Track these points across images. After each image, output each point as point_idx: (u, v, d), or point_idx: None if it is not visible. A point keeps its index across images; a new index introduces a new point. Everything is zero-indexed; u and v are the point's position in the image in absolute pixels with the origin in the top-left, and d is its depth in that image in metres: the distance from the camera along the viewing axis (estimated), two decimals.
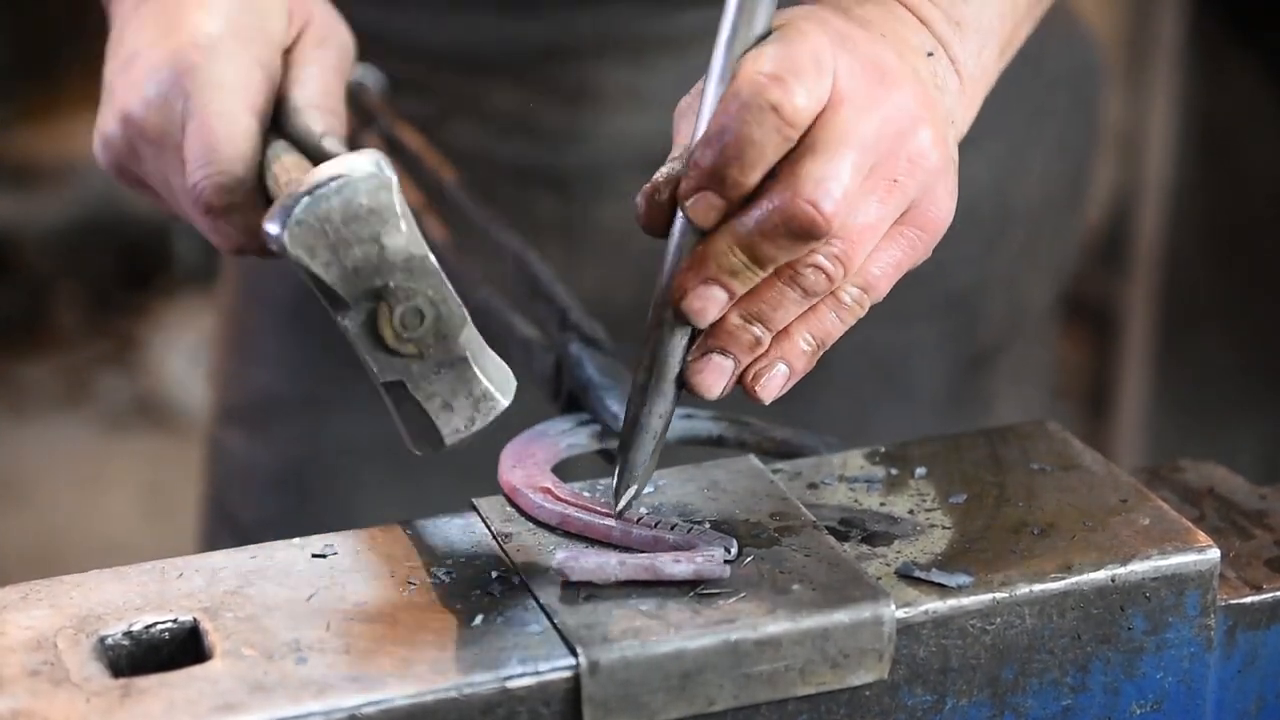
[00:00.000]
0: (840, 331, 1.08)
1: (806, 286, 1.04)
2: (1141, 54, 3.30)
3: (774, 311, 1.05)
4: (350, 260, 1.01)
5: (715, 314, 1.04)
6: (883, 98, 1.03)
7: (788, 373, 1.07)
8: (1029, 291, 1.76)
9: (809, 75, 1.00)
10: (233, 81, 1.20)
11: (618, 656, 0.98)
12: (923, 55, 1.09)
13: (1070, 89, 1.74)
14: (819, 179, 1.00)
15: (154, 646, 1.02)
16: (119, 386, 3.98)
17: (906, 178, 1.05)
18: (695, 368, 1.05)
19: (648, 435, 1.07)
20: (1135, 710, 1.09)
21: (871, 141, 1.02)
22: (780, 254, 1.02)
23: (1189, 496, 1.20)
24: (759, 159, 1.00)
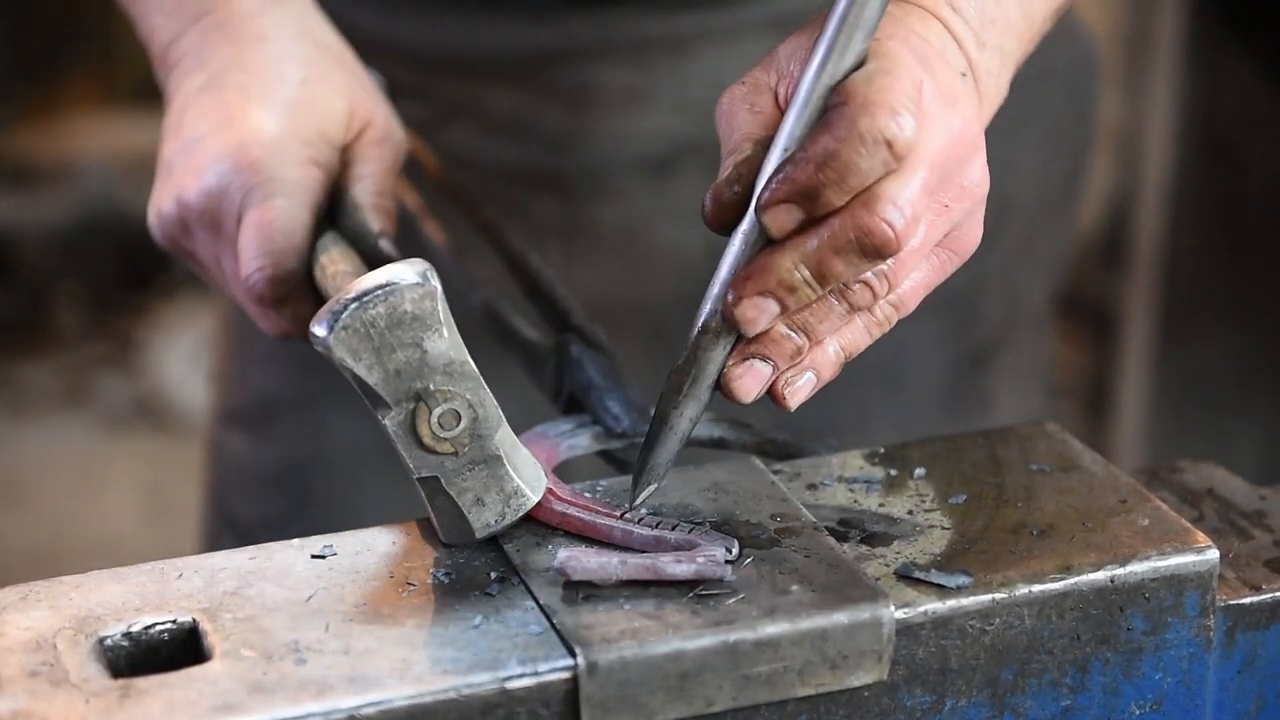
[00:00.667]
0: (868, 343, 1.09)
1: (854, 301, 1.06)
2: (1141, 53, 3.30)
3: (819, 323, 1.06)
4: (393, 363, 1.05)
5: (765, 325, 1.05)
6: (953, 123, 1.05)
7: (815, 381, 1.08)
8: (1026, 288, 1.76)
9: (915, 108, 1.02)
10: (292, 179, 1.24)
11: (616, 657, 0.98)
12: (959, 76, 1.10)
13: (1065, 85, 1.74)
14: (894, 199, 1.02)
15: (153, 647, 1.02)
16: (119, 387, 3.98)
17: (955, 204, 1.07)
18: (735, 372, 1.06)
19: (675, 436, 1.08)
20: (1134, 711, 1.09)
21: (940, 164, 1.04)
22: (847, 272, 1.04)
23: (1188, 497, 1.20)
24: (859, 185, 1.01)
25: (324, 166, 1.26)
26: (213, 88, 1.26)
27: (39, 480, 3.70)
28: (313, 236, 1.24)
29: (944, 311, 1.69)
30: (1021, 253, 1.74)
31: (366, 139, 1.29)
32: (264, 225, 1.22)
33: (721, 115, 1.08)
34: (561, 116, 1.57)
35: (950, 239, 1.09)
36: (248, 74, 1.26)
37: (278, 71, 1.26)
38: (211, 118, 1.25)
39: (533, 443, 1.15)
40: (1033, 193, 1.74)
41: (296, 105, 1.26)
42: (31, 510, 3.62)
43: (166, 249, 1.31)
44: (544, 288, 1.31)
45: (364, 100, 1.30)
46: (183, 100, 1.28)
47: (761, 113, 1.07)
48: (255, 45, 1.27)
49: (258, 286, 1.23)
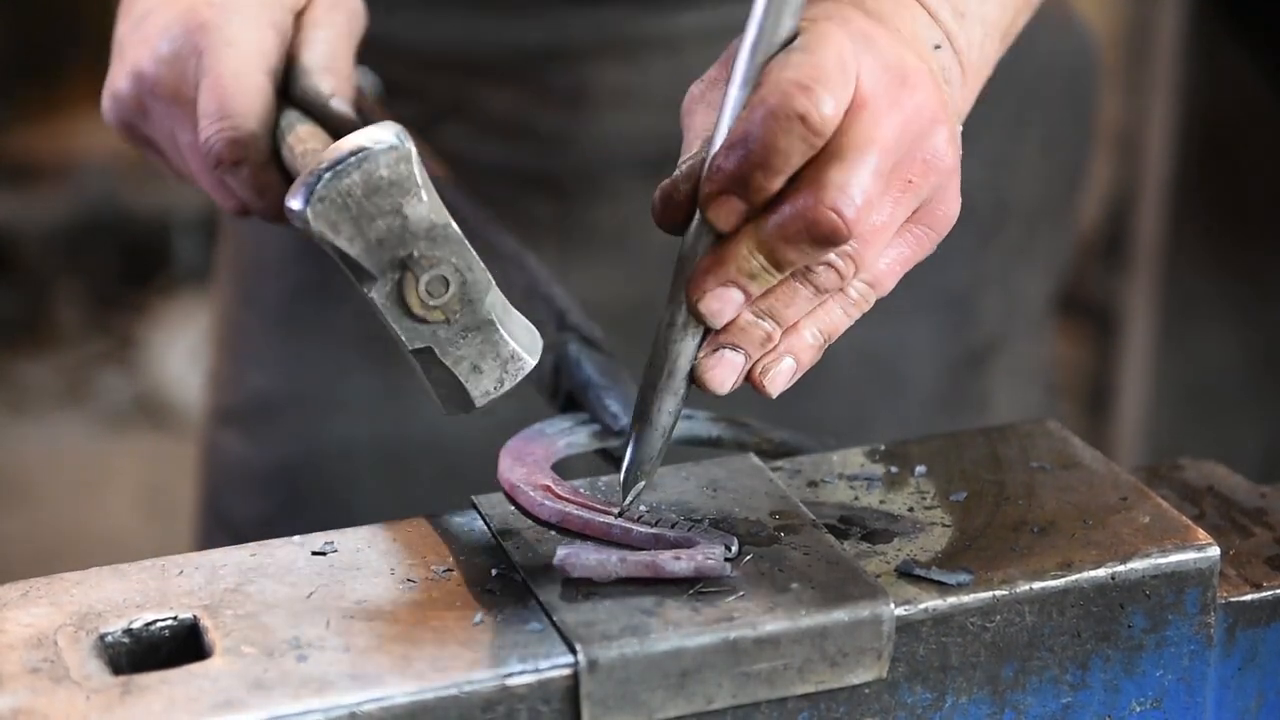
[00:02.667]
0: (847, 325, 1.08)
1: (819, 284, 1.05)
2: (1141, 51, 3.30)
3: (786, 308, 1.05)
4: (374, 232, 1.02)
5: (731, 315, 1.04)
6: (904, 100, 1.03)
7: (794, 366, 1.07)
8: (1025, 288, 1.75)
9: (835, 83, 1.00)
10: (246, 40, 1.20)
11: (616, 654, 0.98)
12: (931, 48, 1.09)
13: (1064, 83, 1.74)
14: (842, 185, 1.00)
15: (154, 644, 1.02)
16: (119, 385, 3.98)
17: (920, 178, 1.05)
18: (707, 364, 1.06)
19: (657, 432, 1.07)
20: (1135, 708, 1.09)
21: (893, 144, 1.03)
22: (801, 258, 1.03)
23: (1189, 494, 1.20)
24: (784, 166, 1.00)
25: (278, 28, 1.23)
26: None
27: (39, 478, 3.70)
28: (273, 101, 1.20)
29: (941, 312, 1.69)
30: (1020, 253, 1.74)
31: (319, 4, 1.25)
32: (219, 86, 1.19)
33: (684, 113, 1.07)
34: (557, 116, 1.57)
35: (921, 214, 1.07)
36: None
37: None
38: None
39: (530, 440, 1.15)
40: (1032, 193, 1.73)
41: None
42: (32, 508, 3.62)
43: (122, 136, 1.27)
44: (541, 287, 1.31)
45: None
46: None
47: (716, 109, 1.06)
48: None
49: (215, 148, 1.19)
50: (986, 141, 1.66)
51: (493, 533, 1.09)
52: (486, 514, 1.10)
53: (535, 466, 1.12)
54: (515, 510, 1.10)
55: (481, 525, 1.10)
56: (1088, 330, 3.57)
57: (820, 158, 1.01)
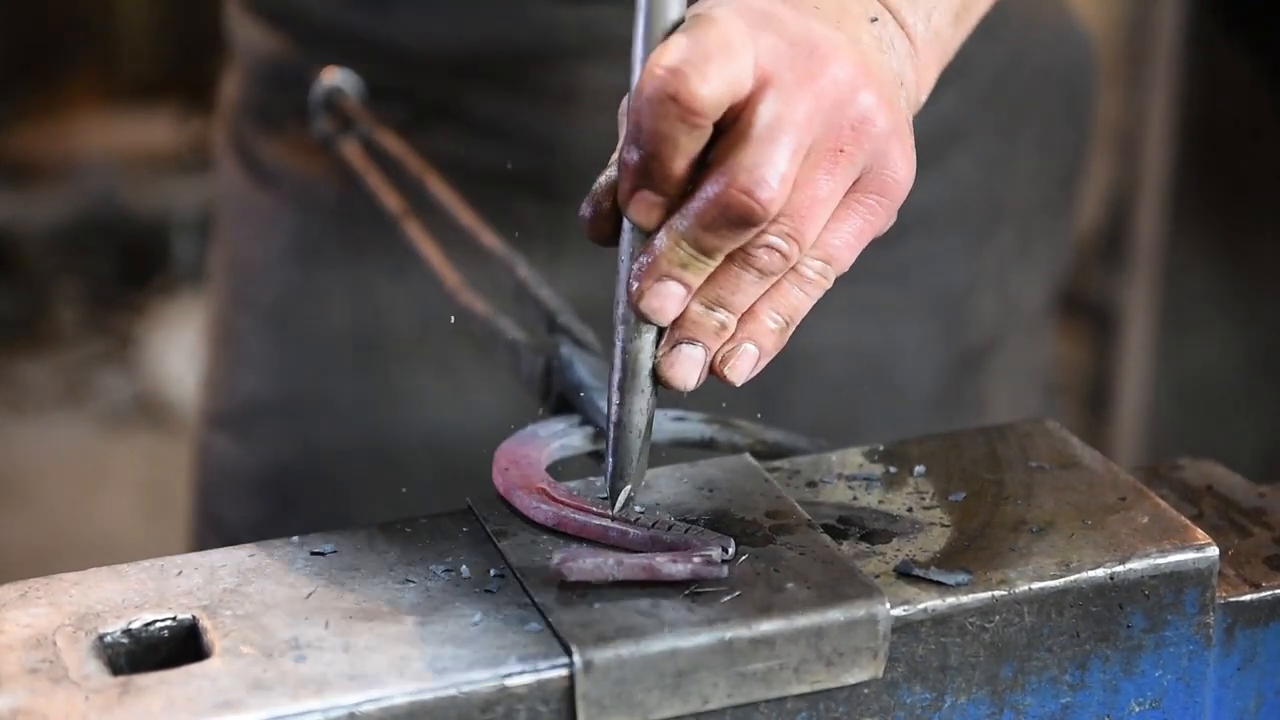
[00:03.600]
0: (808, 304, 1.07)
1: (761, 267, 1.03)
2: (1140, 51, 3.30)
3: (733, 295, 1.04)
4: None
5: (675, 309, 1.03)
6: (815, 72, 1.01)
7: (757, 352, 1.06)
8: (1021, 290, 1.75)
9: (713, 62, 0.98)
10: None
11: (612, 655, 0.98)
12: (865, 21, 1.07)
13: (1061, 84, 1.74)
14: (751, 166, 0.99)
15: (153, 644, 1.02)
16: (118, 385, 3.98)
17: (852, 146, 1.03)
18: (667, 362, 1.05)
19: (632, 434, 1.07)
20: (1134, 708, 1.09)
21: (804, 119, 1.01)
22: (725, 243, 1.01)
23: (1188, 494, 1.20)
24: (675, 152, 0.99)
25: None
26: None
27: (39, 478, 3.70)
28: None
29: (937, 313, 1.69)
30: (1016, 255, 1.73)
31: None
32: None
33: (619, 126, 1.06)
34: (547, 116, 1.56)
35: (866, 182, 1.06)
36: None
37: None
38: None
39: (524, 443, 1.15)
40: (1028, 194, 1.73)
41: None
42: (31, 508, 3.62)
43: None
44: (530, 289, 1.31)
45: None
46: None
47: None
48: None
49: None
50: (982, 142, 1.66)
51: (489, 534, 1.09)
52: (483, 515, 1.10)
53: (531, 469, 1.12)
54: (512, 511, 1.10)
55: (478, 527, 1.10)
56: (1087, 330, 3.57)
57: (728, 141, 1.00)
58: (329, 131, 1.55)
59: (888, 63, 1.08)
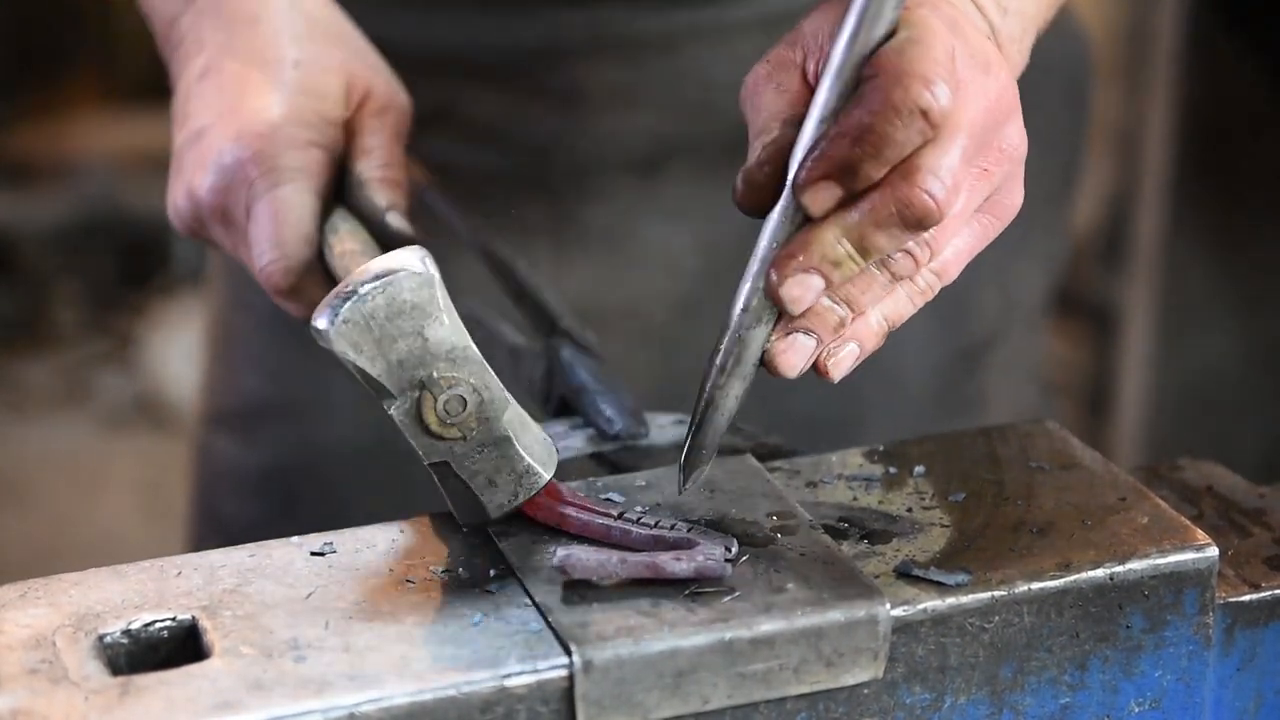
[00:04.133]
0: (911, 312, 1.09)
1: (895, 271, 1.05)
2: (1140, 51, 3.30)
3: (862, 294, 1.05)
4: (395, 354, 1.05)
5: (811, 301, 1.04)
6: (989, 87, 1.04)
7: (858, 352, 1.08)
8: (1020, 284, 1.75)
9: (949, 76, 1.00)
10: (295, 165, 1.24)
11: (612, 655, 0.98)
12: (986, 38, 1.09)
13: (1059, 80, 1.73)
14: (934, 168, 1.01)
15: (152, 645, 1.02)
16: (118, 386, 3.98)
17: (995, 166, 1.06)
18: (780, 347, 1.05)
19: (723, 416, 1.07)
20: (1134, 708, 1.09)
21: (978, 130, 1.03)
22: (890, 244, 1.03)
23: (1187, 495, 1.20)
24: (896, 157, 1.01)
25: (326, 147, 1.26)
26: (211, 74, 1.26)
27: (38, 478, 3.70)
28: (320, 220, 1.24)
29: (937, 309, 1.68)
30: (1016, 250, 1.73)
31: (367, 110, 1.28)
32: (271, 217, 1.22)
33: (747, 96, 1.07)
34: (551, 116, 1.56)
35: (990, 203, 1.08)
36: (242, 59, 1.26)
37: (272, 55, 1.26)
38: (212, 107, 1.25)
39: None
40: (1027, 191, 1.73)
41: (293, 88, 1.25)
42: (31, 509, 3.62)
43: (192, 239, 1.31)
44: (531, 292, 1.31)
45: (361, 71, 1.29)
46: (185, 87, 1.28)
47: (788, 91, 1.06)
48: (247, 28, 1.27)
49: (272, 279, 1.23)
50: None
51: (489, 534, 1.09)
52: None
53: None
54: (512, 512, 1.10)
55: (478, 526, 1.10)
56: (1087, 330, 3.57)
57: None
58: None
59: None
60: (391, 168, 1.27)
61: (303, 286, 1.24)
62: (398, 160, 1.29)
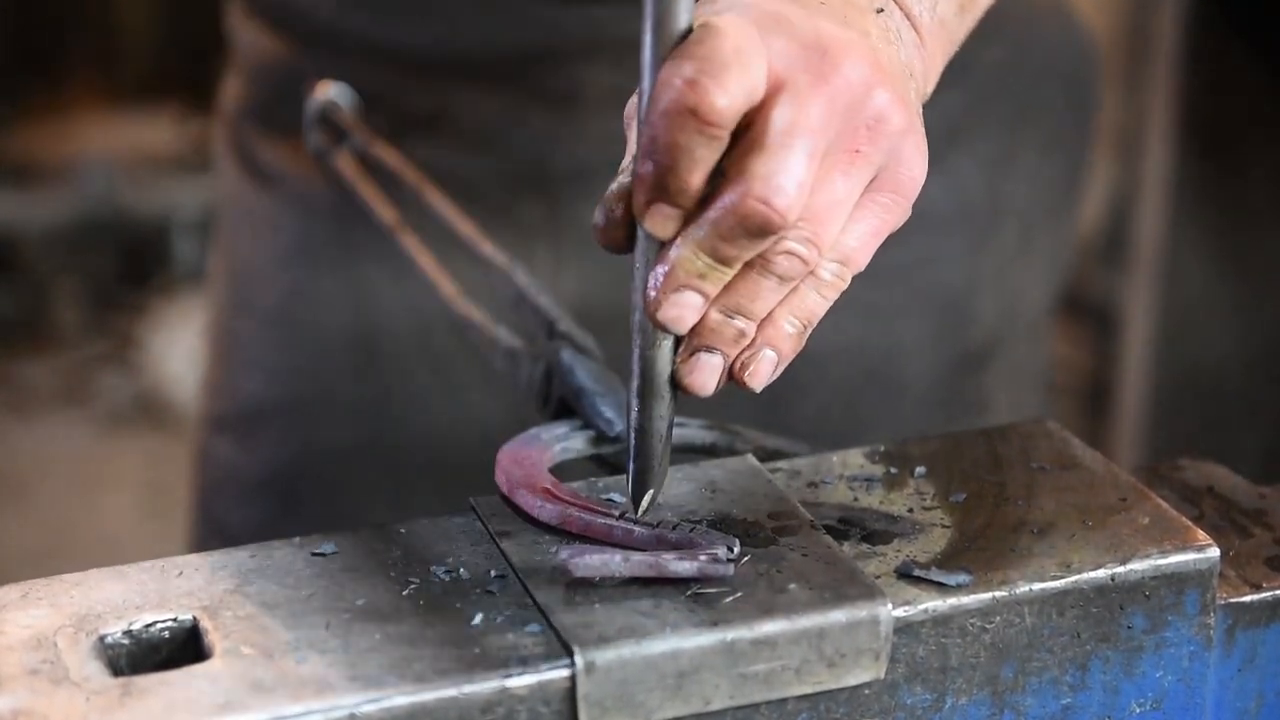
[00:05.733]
0: (825, 308, 1.06)
1: (780, 273, 1.02)
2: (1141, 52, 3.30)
3: (753, 303, 1.03)
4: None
5: (693, 319, 1.02)
6: (828, 74, 1.00)
7: (775, 358, 1.05)
8: (1022, 291, 1.75)
9: (730, 72, 0.97)
10: None
11: (613, 656, 0.98)
12: (871, 13, 1.06)
13: (1063, 85, 1.73)
14: (767, 175, 0.98)
15: (154, 645, 1.02)
16: (119, 386, 3.98)
17: (868, 145, 1.02)
18: (685, 369, 1.04)
19: (653, 439, 1.07)
20: (1135, 709, 1.09)
21: (820, 123, 1.00)
22: (743, 252, 1.00)
23: (1188, 495, 1.20)
24: (693, 165, 0.98)
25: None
26: None
27: (39, 478, 3.70)
28: None
29: (938, 314, 1.68)
30: (1017, 255, 1.73)
31: None
32: None
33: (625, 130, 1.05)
34: (548, 118, 1.56)
35: (882, 181, 1.05)
36: None
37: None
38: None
39: (526, 445, 1.15)
40: (1030, 194, 1.73)
41: None
42: (31, 509, 3.63)
43: None
44: (530, 297, 1.31)
45: None
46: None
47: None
48: None
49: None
50: (983, 143, 1.66)
51: (490, 535, 1.09)
52: (484, 516, 1.10)
53: (533, 469, 1.12)
54: (514, 512, 1.10)
55: (480, 527, 1.10)
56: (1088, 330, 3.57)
57: (743, 148, 0.99)
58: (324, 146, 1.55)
59: (896, 55, 1.07)
60: None
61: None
62: None
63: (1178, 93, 3.14)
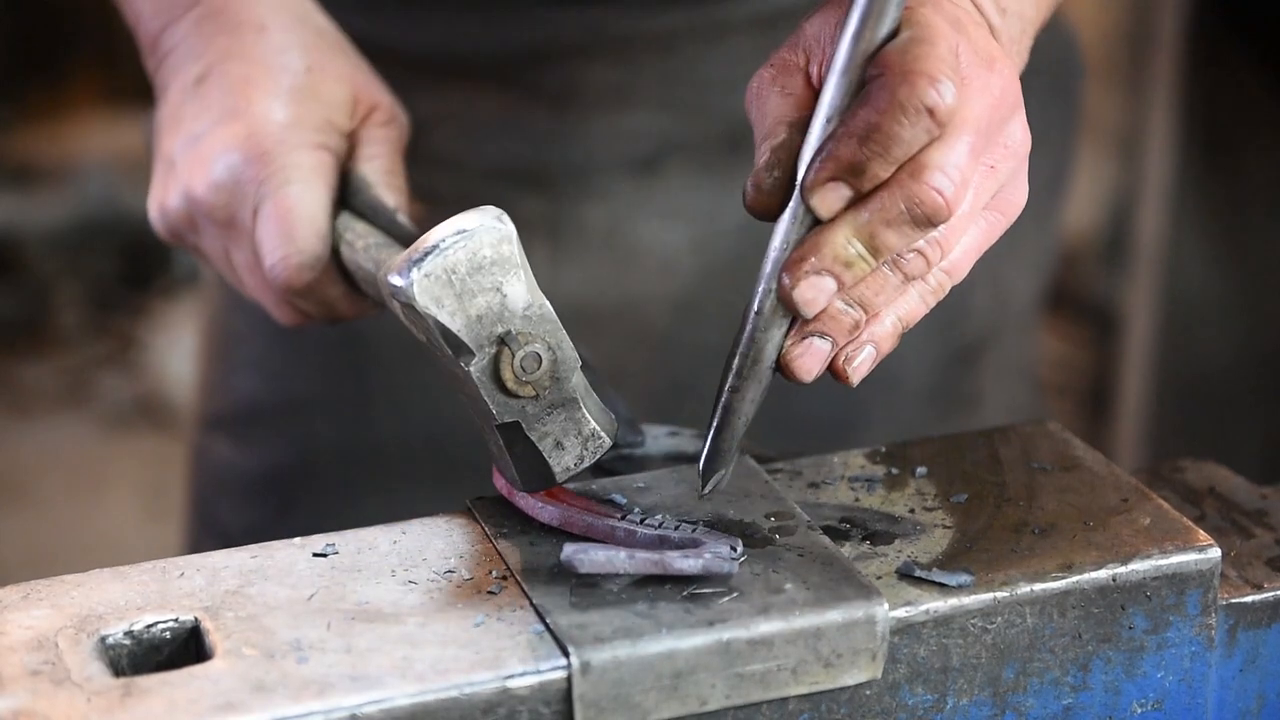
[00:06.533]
0: (924, 312, 1.09)
1: (908, 271, 1.05)
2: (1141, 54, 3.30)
3: (876, 296, 1.05)
4: (474, 309, 1.05)
5: (824, 303, 1.04)
6: (993, 85, 1.04)
7: (875, 354, 1.08)
8: (1012, 287, 1.75)
9: (954, 74, 1.01)
10: (306, 164, 1.23)
11: (609, 656, 0.98)
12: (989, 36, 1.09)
13: (1050, 82, 1.73)
14: (941, 165, 1.01)
15: (155, 646, 1.02)
16: (119, 387, 3.98)
17: (1001, 164, 1.06)
18: (795, 352, 1.05)
19: (740, 420, 1.07)
20: (1136, 709, 1.09)
21: (985, 127, 1.03)
22: (900, 242, 1.03)
23: (1189, 496, 1.20)
24: (904, 155, 1.01)
25: (334, 152, 1.26)
26: (213, 79, 1.25)
27: (40, 479, 3.70)
28: (332, 219, 1.24)
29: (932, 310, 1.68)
30: (1008, 250, 1.73)
31: (373, 121, 1.29)
32: (284, 214, 1.22)
33: (751, 100, 1.07)
34: (547, 116, 1.56)
35: (997, 200, 1.08)
36: (249, 64, 1.25)
37: (280, 61, 1.26)
38: (215, 110, 1.25)
39: None
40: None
41: (302, 93, 1.25)
42: (32, 510, 3.62)
43: (170, 243, 1.30)
44: None
45: (367, 85, 1.30)
46: (179, 93, 1.27)
47: (793, 94, 1.06)
48: (254, 34, 1.27)
49: (282, 276, 1.22)
50: None
51: (489, 535, 1.09)
52: (482, 517, 1.10)
53: None
54: (512, 513, 1.10)
55: (478, 528, 1.10)
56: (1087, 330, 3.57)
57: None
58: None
59: None
60: (396, 175, 1.28)
61: (315, 284, 1.23)
62: (401, 171, 1.29)
63: (1178, 93, 3.14)
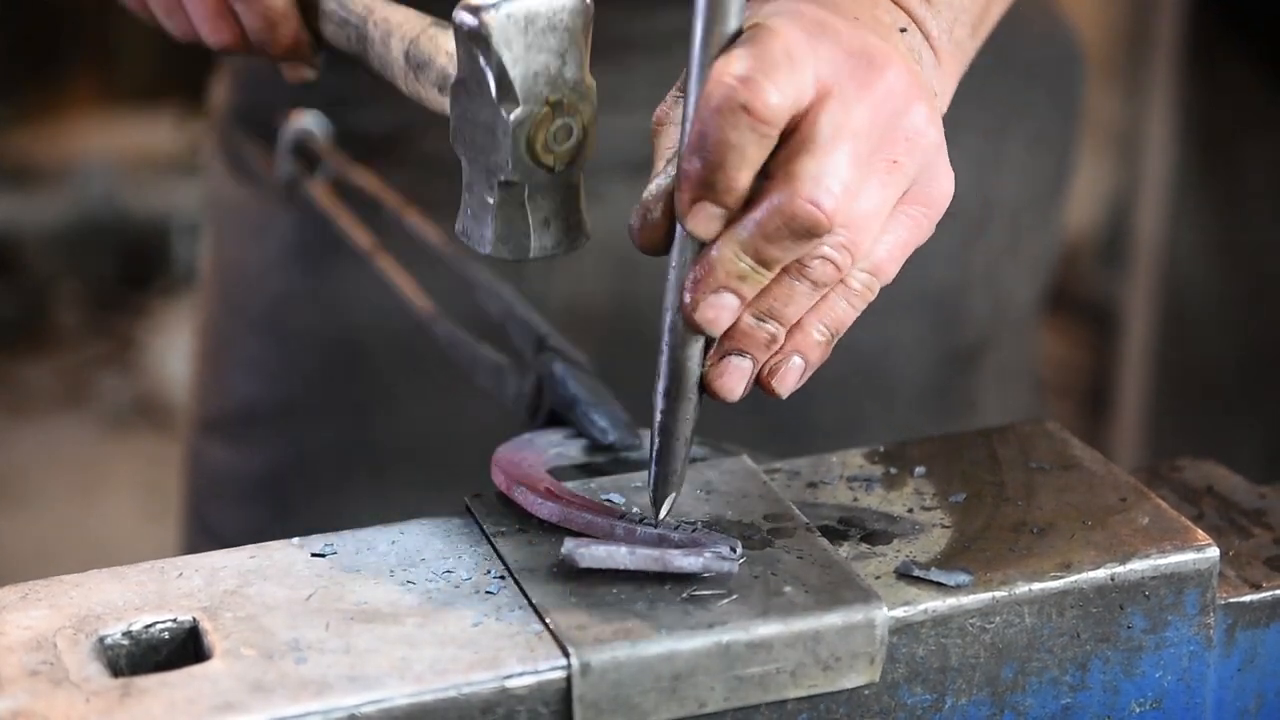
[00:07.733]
0: (852, 317, 1.07)
1: (815, 279, 1.03)
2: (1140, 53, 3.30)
3: (786, 307, 1.04)
4: (535, 64, 1.06)
5: (729, 321, 1.03)
6: (872, 81, 1.02)
7: (803, 365, 1.06)
8: (1011, 287, 1.75)
9: (780, 72, 0.98)
10: None
11: (609, 657, 0.98)
12: (895, 32, 1.08)
13: (1049, 81, 1.73)
14: (815, 176, 0.99)
15: (153, 646, 1.02)
16: (119, 387, 3.98)
17: (906, 157, 1.03)
18: (715, 372, 1.05)
19: (678, 441, 1.07)
20: (1135, 709, 1.09)
21: (865, 128, 1.01)
22: (786, 254, 1.01)
23: (1188, 495, 1.20)
24: (742, 162, 0.99)
25: None
26: None
27: (39, 479, 3.70)
28: None
29: (928, 312, 1.68)
30: (1007, 252, 1.73)
31: None
32: None
33: (653, 134, 1.06)
34: None
35: (914, 194, 1.06)
36: None
37: None
38: None
39: (521, 449, 1.15)
40: (1018, 192, 1.73)
41: None
42: (31, 510, 3.63)
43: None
44: (519, 313, 1.30)
45: None
46: None
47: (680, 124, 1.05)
48: None
49: None
50: (972, 140, 1.66)
51: (488, 535, 1.09)
52: (481, 517, 1.10)
53: (532, 469, 1.12)
54: (510, 512, 1.10)
55: (476, 528, 1.10)
56: (1087, 330, 3.57)
57: (790, 150, 1.00)
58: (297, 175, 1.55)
59: (924, 75, 1.08)
60: None
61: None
62: None
63: (1178, 92, 3.15)
